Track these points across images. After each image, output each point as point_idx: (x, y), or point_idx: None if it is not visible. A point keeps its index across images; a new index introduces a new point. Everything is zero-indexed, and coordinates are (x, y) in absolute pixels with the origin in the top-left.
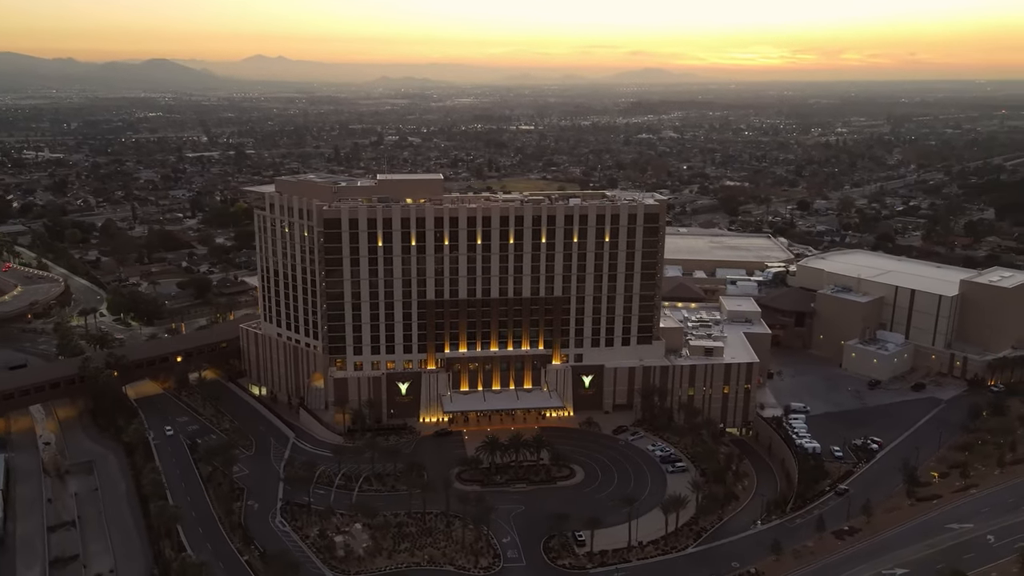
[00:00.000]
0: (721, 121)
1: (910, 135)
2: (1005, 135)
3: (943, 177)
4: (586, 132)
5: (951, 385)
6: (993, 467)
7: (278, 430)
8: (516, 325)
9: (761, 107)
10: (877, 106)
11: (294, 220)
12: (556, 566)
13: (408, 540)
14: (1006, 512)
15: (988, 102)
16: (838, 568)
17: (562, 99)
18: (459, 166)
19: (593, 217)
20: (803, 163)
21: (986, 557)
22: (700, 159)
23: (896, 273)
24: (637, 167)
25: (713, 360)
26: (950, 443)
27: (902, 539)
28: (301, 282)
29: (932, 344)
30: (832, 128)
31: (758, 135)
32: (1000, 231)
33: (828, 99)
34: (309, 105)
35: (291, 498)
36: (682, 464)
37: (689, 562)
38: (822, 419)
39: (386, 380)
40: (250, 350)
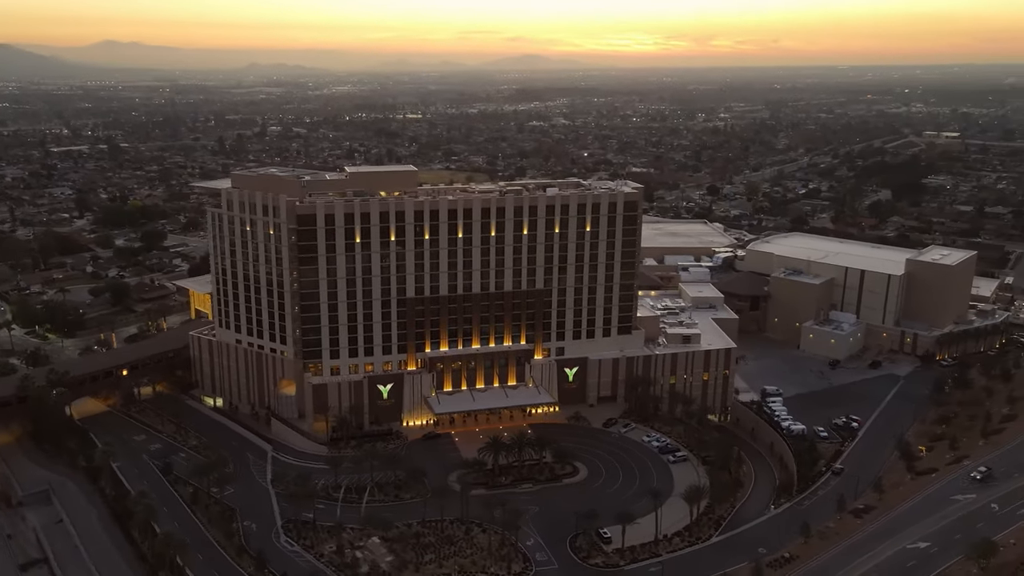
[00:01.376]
0: (608, 107)
1: (789, 120)
2: (874, 119)
3: (832, 160)
4: (476, 120)
5: (904, 361)
6: (976, 438)
7: (252, 444)
8: (498, 320)
9: (644, 93)
10: (753, 92)
11: (256, 217)
12: (588, 565)
13: (430, 551)
14: (1001, 481)
15: (852, 87)
16: (866, 546)
17: (444, 86)
18: (355, 157)
19: (574, 207)
20: (698, 149)
21: (996, 525)
22: (597, 146)
23: (841, 255)
24: (540, 155)
25: (692, 347)
26: (922, 417)
27: (914, 513)
28: (266, 284)
29: (882, 322)
30: (715, 114)
31: (647, 121)
32: (901, 211)
33: (706, 85)
34: (175, 94)
35: (291, 515)
36: (682, 454)
37: (717, 552)
38: (795, 401)
39: (367, 384)
40: (203, 359)
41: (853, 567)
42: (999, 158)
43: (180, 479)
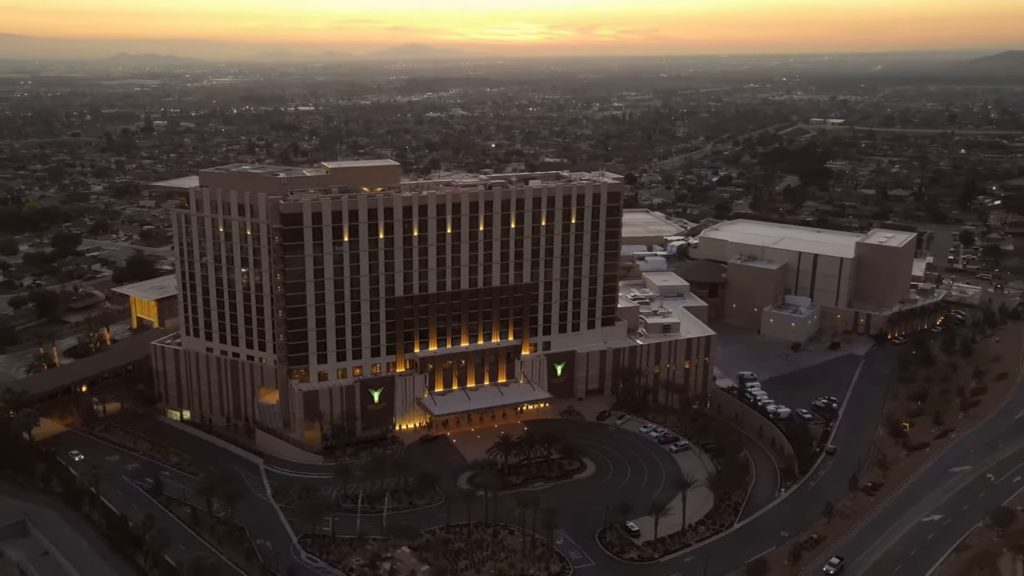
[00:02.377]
0: (502, 98)
1: (682, 108)
2: (761, 106)
3: (733, 147)
4: (371, 112)
5: (859, 341)
6: (955, 412)
7: (240, 458)
8: (486, 317)
9: (535, 83)
10: (641, 81)
11: (231, 218)
12: (624, 561)
13: (462, 557)
14: (990, 451)
15: (734, 76)
16: (885, 522)
17: (331, 77)
18: (256, 152)
19: (560, 199)
20: (602, 138)
21: (997, 494)
22: (502, 136)
23: (789, 240)
24: (449, 147)
25: (675, 336)
26: (893, 394)
27: (920, 487)
28: (242, 288)
29: (836, 304)
30: (609, 103)
31: (544, 111)
32: (812, 196)
33: (595, 74)
34: (38, 87)
35: (305, 530)
36: (684, 443)
37: (742, 538)
38: (769, 385)
39: (359, 388)
40: (167, 371)
41: (879, 543)
42: (887, 143)
43: (173, 499)
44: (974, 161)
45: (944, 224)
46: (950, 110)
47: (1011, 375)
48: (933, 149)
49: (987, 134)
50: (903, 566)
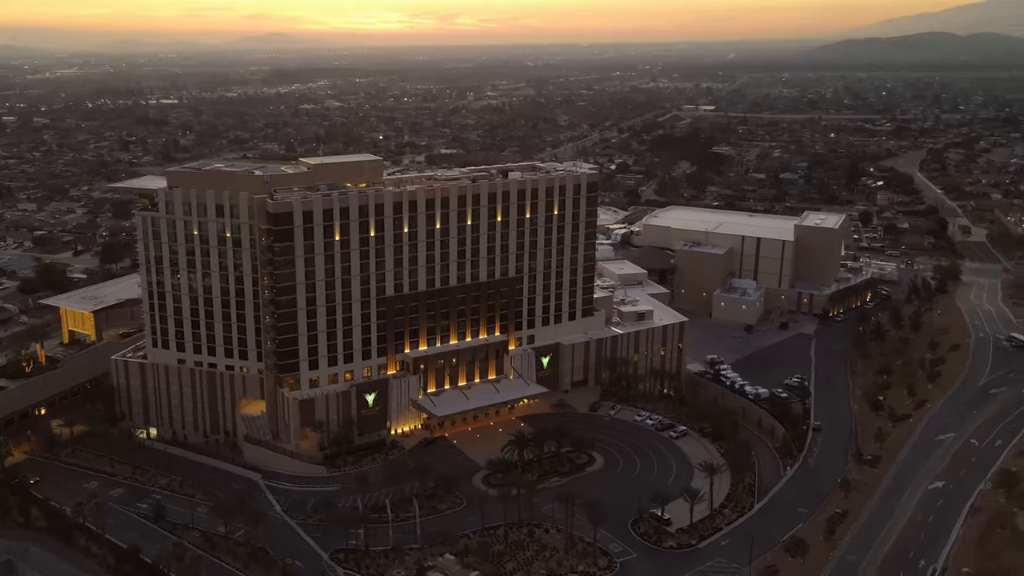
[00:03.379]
0: (374, 88)
1: (556, 97)
2: (632, 94)
3: (620, 135)
4: (240, 105)
5: (805, 320)
6: (923, 383)
7: (234, 475)
8: (474, 313)
9: (404, 72)
10: (511, 69)
11: (207, 220)
12: (665, 549)
13: (507, 559)
14: (966, 418)
15: (599, 64)
16: (896, 492)
17: (190, 69)
18: (132, 149)
19: (543, 190)
20: (488, 128)
21: (985, 457)
22: (386, 128)
23: (728, 224)
24: (336, 140)
25: (652, 324)
26: (853, 370)
27: (915, 457)
28: (220, 294)
29: (779, 286)
30: (483, 92)
31: (420, 101)
32: (711, 181)
33: (463, 63)
34: None
35: (332, 545)
36: (682, 429)
37: (766, 517)
38: (735, 367)
39: (355, 393)
40: (132, 387)
41: (899, 514)
42: (762, 128)
43: (179, 524)
44: (845, 144)
45: (836, 205)
46: (807, 96)
47: (963, 345)
48: (806, 134)
49: (849, 118)
50: (925, 533)
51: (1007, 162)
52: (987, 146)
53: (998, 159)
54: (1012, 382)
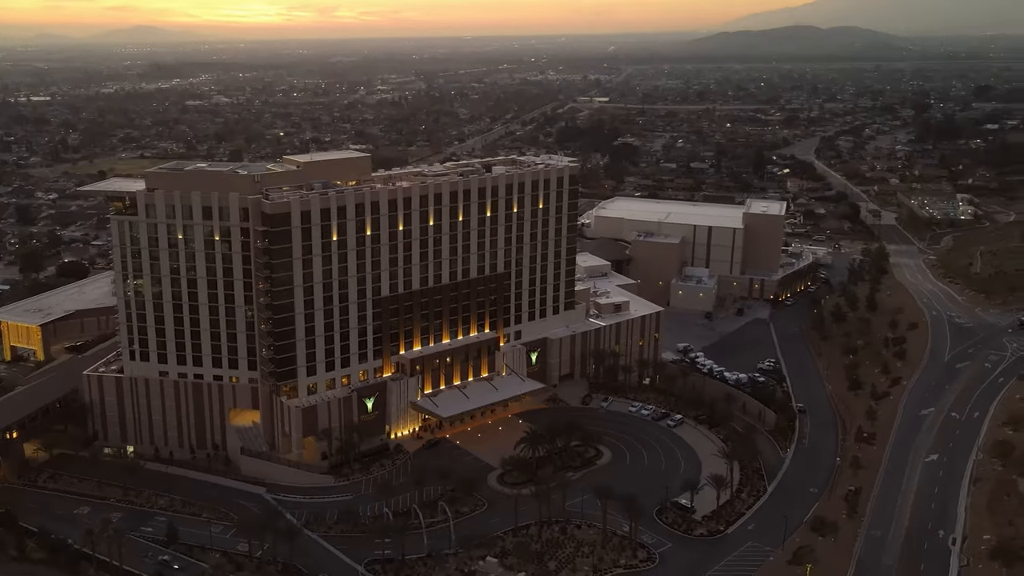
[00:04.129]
0: (260, 83)
1: (450, 90)
2: (525, 87)
3: (524, 127)
4: (123, 101)
5: (758, 305)
6: (892, 361)
7: (237, 490)
8: (465, 310)
9: (288, 67)
10: (397, 63)
11: (194, 223)
12: (696, 537)
13: (547, 558)
14: (940, 392)
15: (485, 57)
16: (898, 467)
17: (55, 64)
18: (15, 149)
19: (529, 184)
20: (390, 122)
21: (969, 429)
22: (283, 124)
23: (676, 214)
24: (238, 137)
25: (630, 315)
26: (818, 351)
27: (905, 432)
28: (208, 301)
29: (730, 273)
30: (373, 86)
31: (311, 96)
32: (630, 172)
33: (348, 57)
34: None
35: (362, 556)
36: (679, 417)
37: (782, 499)
38: (706, 354)
39: (356, 398)
40: (107, 403)
41: (906, 488)
42: (660, 119)
43: (195, 547)
44: (743, 134)
45: (750, 192)
46: (692, 87)
47: (920, 323)
48: (704, 124)
49: (739, 108)
50: (936, 504)
51: (893, 148)
52: (872, 133)
53: (885, 145)
54: (973, 357)
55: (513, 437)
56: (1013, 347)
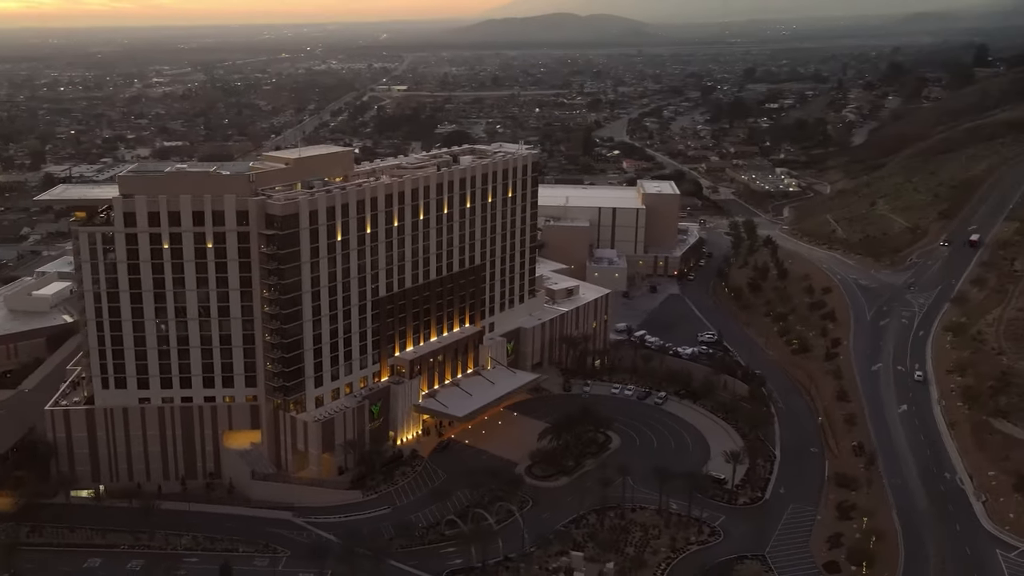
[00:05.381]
0: (18, 76)
1: (234, 81)
2: (312, 76)
3: (334, 118)
4: None
5: (665, 282)
6: (820, 323)
7: (262, 519)
8: (450, 306)
9: (45, 59)
10: (166, 53)
11: (182, 230)
12: (741, 507)
13: (623, 544)
14: (879, 349)
15: (259, 46)
16: (880, 420)
17: None
18: None
19: (500, 173)
20: (188, 116)
21: (918, 380)
22: (67, 121)
23: (575, 197)
24: (22, 136)
25: (584, 298)
26: (746, 321)
27: (869, 388)
28: (199, 315)
29: (635, 252)
30: (148, 79)
31: (84, 91)
32: None
33: (109, 47)
34: None
35: (441, 569)
36: (663, 395)
37: (793, 462)
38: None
39: (367, 406)
40: (75, 440)
41: (897, 438)
42: (469, 106)
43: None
44: (557, 118)
45: (593, 174)
46: (479, 74)
47: (832, 287)
48: (513, 109)
49: (541, 94)
50: (929, 450)
51: (695, 128)
52: (671, 115)
53: (687, 125)
54: (889, 314)
55: (516, 430)
56: (919, 302)
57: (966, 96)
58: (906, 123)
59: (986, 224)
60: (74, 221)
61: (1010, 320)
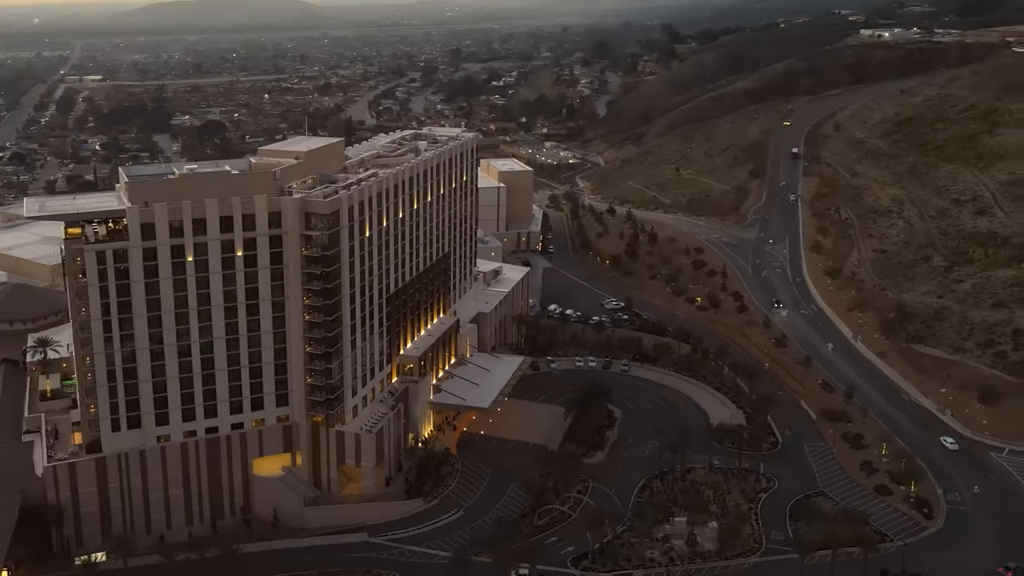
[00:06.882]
0: None
1: None
2: None
3: (45, 113)
4: None
5: (531, 256)
6: (707, 279)
7: (338, 546)
8: (431, 297)
9: None
10: None
11: (207, 239)
12: (765, 452)
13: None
14: (775, 299)
15: None
16: (818, 354)
17: None
18: None
19: (457, 157)
20: None
21: (821, 320)
22: None
23: None
24: None
25: (511, 279)
26: (638, 286)
27: (792, 330)
28: (227, 332)
29: (497, 230)
30: None
31: None
32: (237, 149)
33: None
34: None
35: (563, 558)
36: (625, 362)
37: (775, 410)
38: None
39: (403, 410)
40: (82, 497)
41: (835, 368)
42: (189, 94)
43: None
44: (295, 104)
45: None
46: (171, 60)
47: (704, 247)
48: (240, 96)
49: (258, 80)
50: (877, 380)
51: (435, 106)
52: (404, 95)
53: (428, 104)
54: (764, 267)
55: (521, 414)
56: (783, 253)
57: (685, 69)
58: (641, 95)
59: (792, 180)
60: (68, 240)
61: (871, 260)
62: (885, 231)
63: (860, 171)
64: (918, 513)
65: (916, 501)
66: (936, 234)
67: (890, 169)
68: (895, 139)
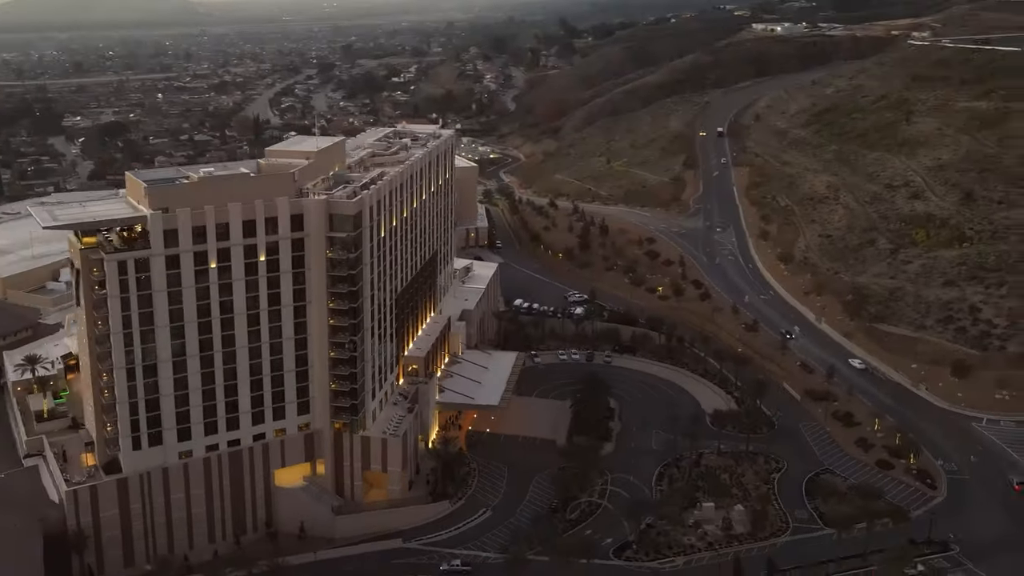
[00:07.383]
0: None
1: None
2: None
3: None
4: None
5: (480, 251)
6: (664, 267)
7: (375, 553)
8: (424, 295)
9: None
10: None
11: (231, 244)
12: (766, 435)
13: None
14: (735, 285)
15: None
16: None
17: None
18: None
19: (442, 155)
20: None
21: (781, 304)
22: None
23: None
24: None
25: (483, 275)
26: (596, 277)
27: (758, 312)
28: (249, 341)
29: None
30: None
31: None
32: (149, 152)
33: None
34: None
35: (604, 549)
36: (608, 353)
37: (758, 388)
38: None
39: (420, 414)
40: (103, 521)
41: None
42: (76, 96)
43: None
44: (192, 103)
45: (238, 158)
46: (44, 58)
47: (655, 238)
48: (135, 96)
49: (151, 78)
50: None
51: (338, 103)
52: (304, 92)
53: (331, 101)
54: (716, 255)
55: (522, 410)
56: (732, 242)
57: (590, 63)
58: (549, 89)
59: (723, 168)
60: (85, 249)
61: (819, 245)
62: (827, 217)
63: (789, 160)
64: (922, 484)
65: (919, 473)
66: (876, 218)
67: (817, 157)
68: (816, 128)
